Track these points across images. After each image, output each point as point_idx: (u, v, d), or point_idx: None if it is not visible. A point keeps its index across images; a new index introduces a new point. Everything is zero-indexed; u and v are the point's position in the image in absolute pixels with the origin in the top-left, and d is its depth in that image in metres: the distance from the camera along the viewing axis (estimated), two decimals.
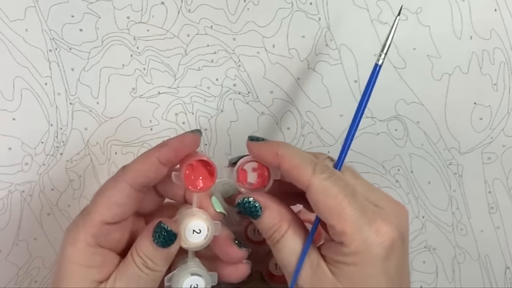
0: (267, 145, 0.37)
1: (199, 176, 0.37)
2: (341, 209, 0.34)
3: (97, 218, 0.36)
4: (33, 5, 0.46)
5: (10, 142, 0.48)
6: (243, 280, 0.49)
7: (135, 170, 0.37)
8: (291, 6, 0.46)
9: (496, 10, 0.46)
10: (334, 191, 0.34)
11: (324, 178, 0.34)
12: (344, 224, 0.33)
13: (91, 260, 0.36)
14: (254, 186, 0.38)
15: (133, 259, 0.36)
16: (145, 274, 0.36)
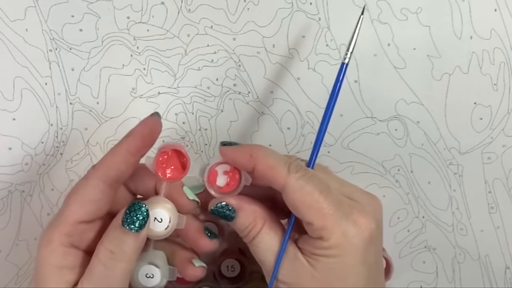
0: (241, 148, 0.37)
1: (171, 166, 0.37)
2: (318, 205, 0.34)
3: (71, 217, 0.36)
4: (33, 5, 0.46)
5: (10, 142, 0.48)
6: (243, 280, 0.50)
7: (106, 165, 0.37)
8: (291, 6, 0.46)
9: (496, 10, 0.46)
10: (309, 189, 0.35)
11: (298, 177, 0.35)
12: (323, 219, 0.34)
13: (63, 260, 0.35)
14: (223, 189, 0.38)
15: (98, 256, 0.35)
16: (111, 270, 0.35)
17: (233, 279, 0.49)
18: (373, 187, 0.49)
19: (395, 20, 0.46)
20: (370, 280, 0.35)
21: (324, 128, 0.38)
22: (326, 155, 0.49)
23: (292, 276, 0.36)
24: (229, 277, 0.49)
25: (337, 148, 0.49)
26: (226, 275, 0.49)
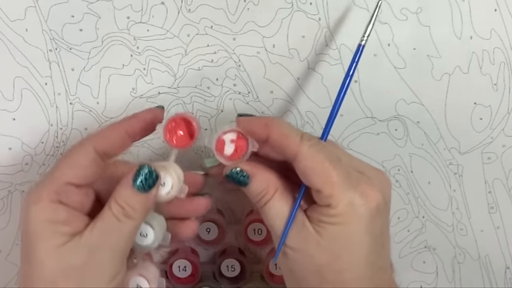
0: (256, 118, 0.39)
1: (178, 132, 0.39)
2: (327, 173, 0.35)
3: (60, 177, 0.37)
4: (33, 5, 0.46)
5: (10, 142, 0.48)
6: (243, 280, 0.50)
7: (102, 136, 0.38)
8: (291, 6, 0.46)
9: (496, 10, 0.46)
10: (320, 157, 0.36)
11: (310, 145, 0.36)
12: (331, 187, 0.35)
13: (56, 215, 0.36)
14: (231, 157, 0.39)
15: (110, 209, 0.36)
16: (123, 223, 0.36)
17: (233, 279, 0.50)
18: None
19: (395, 20, 0.46)
20: (374, 250, 0.36)
21: (339, 101, 0.39)
22: None
23: (299, 242, 0.37)
24: (229, 277, 0.49)
25: None
26: (226, 275, 0.49)
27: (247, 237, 0.48)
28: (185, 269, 0.49)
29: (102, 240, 0.36)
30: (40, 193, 0.36)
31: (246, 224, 0.48)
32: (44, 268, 0.35)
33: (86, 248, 0.36)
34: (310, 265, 0.36)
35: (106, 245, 0.36)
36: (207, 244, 0.49)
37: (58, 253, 0.35)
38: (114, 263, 0.36)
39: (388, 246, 0.39)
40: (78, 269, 0.35)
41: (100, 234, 0.36)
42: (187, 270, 0.49)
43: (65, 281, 0.35)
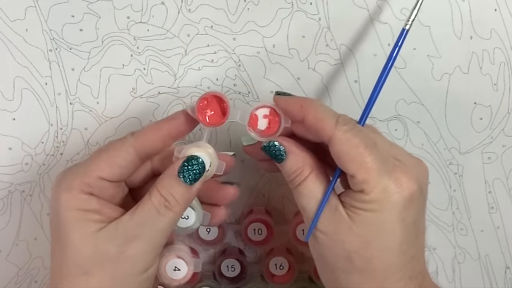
0: (293, 98, 0.38)
1: (211, 112, 0.39)
2: (362, 158, 0.35)
3: (94, 170, 0.36)
4: (33, 5, 0.46)
5: (10, 142, 0.48)
6: (243, 280, 0.50)
7: (145, 139, 0.38)
8: (291, 6, 0.46)
9: (496, 10, 0.46)
10: (355, 142, 0.35)
11: (346, 129, 0.35)
12: (366, 173, 0.35)
13: (88, 204, 0.36)
14: (264, 132, 0.39)
15: (151, 199, 0.36)
16: (163, 215, 0.36)
17: (233, 279, 0.50)
18: None
19: (395, 20, 0.46)
20: (406, 239, 0.36)
21: (380, 85, 0.39)
22: None
23: (330, 226, 0.36)
24: (229, 277, 0.49)
25: None
26: (226, 275, 0.49)
27: (247, 237, 0.48)
28: None
29: (140, 230, 0.36)
30: (71, 182, 0.36)
31: (246, 224, 0.48)
32: (79, 255, 0.35)
33: (123, 237, 0.35)
34: (340, 250, 0.36)
35: (143, 236, 0.36)
36: (207, 244, 0.49)
37: (94, 240, 0.35)
38: (150, 254, 0.36)
39: (422, 237, 0.38)
40: (113, 258, 0.35)
41: (138, 224, 0.36)
42: None
43: (100, 269, 0.35)
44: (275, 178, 0.49)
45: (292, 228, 0.48)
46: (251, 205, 0.50)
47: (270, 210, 0.50)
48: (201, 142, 0.38)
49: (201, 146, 0.38)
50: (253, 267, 0.51)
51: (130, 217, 0.36)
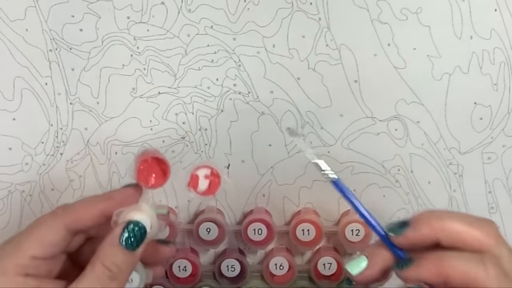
0: (423, 267, 0.33)
1: (152, 173, 0.38)
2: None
3: (26, 250, 0.35)
4: (33, 5, 0.46)
5: (10, 142, 0.48)
6: (243, 280, 0.50)
7: (76, 218, 0.36)
8: (291, 6, 0.46)
9: (496, 10, 0.46)
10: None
11: (495, 276, 0.32)
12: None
13: (26, 285, 0.35)
14: (204, 193, 0.38)
15: (94, 271, 0.34)
16: (106, 286, 0.34)
17: (233, 279, 0.50)
18: (373, 187, 0.49)
19: (395, 20, 0.46)
20: None
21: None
22: (326, 155, 0.49)
23: None
24: (229, 277, 0.49)
25: (337, 148, 0.49)
26: (226, 275, 0.49)
27: (247, 237, 0.48)
28: (185, 269, 0.49)
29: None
30: (5, 265, 0.35)
31: (246, 224, 0.48)
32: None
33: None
34: None
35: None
36: (207, 244, 0.49)
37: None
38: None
39: None
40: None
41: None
42: (187, 270, 0.49)
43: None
44: (275, 178, 0.49)
45: (292, 228, 0.48)
46: (251, 205, 0.50)
47: (270, 210, 0.50)
48: (141, 204, 0.37)
49: (141, 208, 0.36)
50: (253, 267, 0.51)
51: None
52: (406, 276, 0.33)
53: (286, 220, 0.50)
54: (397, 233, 0.34)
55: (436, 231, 0.33)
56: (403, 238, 0.34)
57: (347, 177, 0.49)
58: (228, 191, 0.50)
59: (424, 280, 0.33)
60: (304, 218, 0.48)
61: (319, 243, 0.49)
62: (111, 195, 0.37)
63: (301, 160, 0.49)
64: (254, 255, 0.51)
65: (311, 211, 0.49)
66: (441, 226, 0.33)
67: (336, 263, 0.48)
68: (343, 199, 0.36)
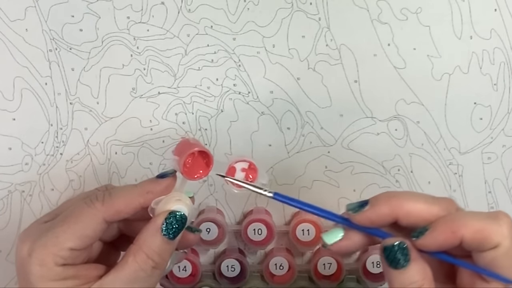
0: (438, 231, 0.33)
1: (197, 166, 0.38)
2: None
3: (66, 244, 0.35)
4: (33, 5, 0.46)
5: (10, 142, 0.48)
6: (243, 280, 0.50)
7: (115, 211, 0.37)
8: (291, 6, 0.46)
9: (496, 10, 0.46)
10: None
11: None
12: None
13: (64, 274, 0.35)
14: (239, 186, 0.38)
15: (136, 260, 0.35)
16: (151, 276, 0.35)
17: (233, 279, 0.50)
18: (373, 187, 0.49)
19: (395, 20, 0.46)
20: None
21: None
22: (326, 155, 0.49)
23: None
24: (229, 277, 0.49)
25: (337, 148, 0.49)
26: (226, 275, 0.49)
27: (247, 237, 0.48)
28: (185, 269, 0.49)
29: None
30: (43, 256, 0.35)
31: (246, 224, 0.48)
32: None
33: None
34: None
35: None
36: (207, 244, 0.49)
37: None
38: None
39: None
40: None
41: (124, 283, 0.35)
42: (187, 270, 0.49)
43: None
44: (275, 178, 0.49)
45: (292, 228, 0.48)
46: (251, 205, 0.50)
47: (270, 210, 0.50)
48: (179, 193, 0.38)
49: (181, 198, 0.37)
50: (253, 267, 0.51)
51: (115, 277, 0.35)
52: (423, 244, 0.33)
53: (286, 220, 0.50)
54: (356, 212, 0.34)
55: (395, 209, 0.33)
56: (362, 216, 0.34)
57: (347, 177, 0.49)
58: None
59: (440, 245, 0.33)
60: (304, 218, 0.48)
61: (319, 243, 0.49)
62: (150, 188, 0.37)
63: (301, 160, 0.49)
64: (254, 255, 0.51)
65: None
66: (400, 205, 0.33)
67: (336, 263, 0.48)
68: (343, 199, 0.36)
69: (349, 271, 0.50)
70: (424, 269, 0.33)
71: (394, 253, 0.33)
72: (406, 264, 0.32)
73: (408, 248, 0.33)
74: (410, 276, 0.33)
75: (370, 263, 0.48)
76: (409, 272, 0.33)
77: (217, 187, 0.49)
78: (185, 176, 0.38)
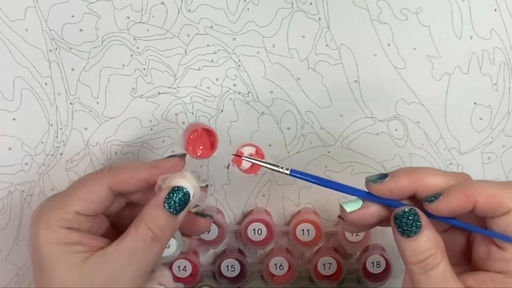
0: (452, 196, 0.33)
1: (200, 144, 0.39)
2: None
3: (71, 207, 0.36)
4: (33, 5, 0.46)
5: (10, 142, 0.48)
6: (243, 280, 0.50)
7: (121, 179, 0.38)
8: (291, 6, 0.46)
9: (496, 10, 0.46)
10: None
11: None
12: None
13: (69, 238, 0.36)
14: (247, 171, 0.39)
15: (137, 232, 0.35)
16: (150, 247, 0.36)
17: (233, 279, 0.50)
18: None
19: (395, 20, 0.46)
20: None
21: None
22: (326, 155, 0.49)
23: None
24: (229, 277, 0.49)
25: (337, 148, 0.49)
26: (226, 275, 0.49)
27: (247, 237, 0.48)
28: (185, 269, 0.49)
29: (126, 261, 0.35)
30: (49, 218, 0.36)
31: (246, 224, 0.48)
32: (65, 286, 0.35)
33: (109, 267, 0.35)
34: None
35: (129, 266, 0.35)
36: (207, 244, 0.49)
37: (79, 271, 0.35)
38: (136, 284, 0.36)
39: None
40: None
41: (124, 255, 0.35)
42: (187, 270, 0.49)
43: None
44: (275, 178, 0.49)
45: (292, 228, 0.48)
46: (251, 205, 0.50)
47: (270, 210, 0.50)
48: (185, 173, 0.38)
49: (186, 177, 0.37)
50: (253, 267, 0.51)
51: (116, 248, 0.36)
52: (437, 208, 0.33)
53: (286, 220, 0.50)
54: (376, 182, 0.34)
55: (415, 182, 0.34)
56: (382, 187, 0.34)
57: (347, 177, 0.49)
58: (231, 186, 0.50)
59: (454, 209, 0.33)
60: (304, 218, 0.48)
61: (319, 243, 0.49)
62: (157, 163, 0.39)
63: (301, 160, 0.49)
64: (254, 255, 0.51)
65: (311, 211, 0.49)
66: (419, 178, 0.34)
67: (336, 263, 0.48)
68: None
69: (349, 271, 0.50)
70: (436, 237, 0.33)
71: (406, 220, 0.33)
72: (418, 231, 0.32)
73: (419, 215, 0.33)
74: (421, 244, 0.32)
75: (370, 263, 0.48)
76: (420, 240, 0.32)
77: (217, 187, 0.49)
78: (188, 152, 0.39)
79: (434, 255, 0.32)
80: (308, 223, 0.48)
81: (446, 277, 0.32)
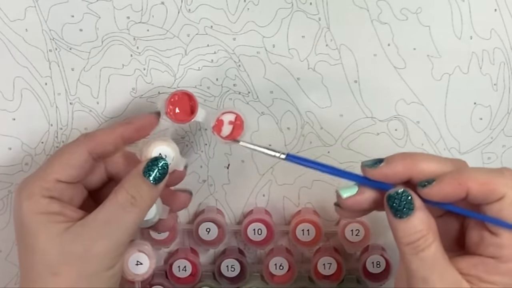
0: (445, 182, 0.33)
1: (179, 106, 0.40)
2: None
3: (51, 175, 0.37)
4: (33, 5, 0.46)
5: (10, 142, 0.48)
6: (243, 280, 0.50)
7: (97, 140, 0.39)
8: (291, 6, 0.46)
9: (496, 10, 0.46)
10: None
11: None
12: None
13: (50, 207, 0.36)
14: (227, 137, 0.39)
15: (116, 198, 0.36)
16: (128, 213, 0.36)
17: (233, 279, 0.50)
18: None
19: (395, 20, 0.46)
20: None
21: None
22: (326, 155, 0.49)
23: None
24: (229, 277, 0.49)
25: (337, 148, 0.49)
26: (226, 275, 0.49)
27: (247, 237, 0.48)
28: (185, 269, 0.49)
29: (105, 229, 0.36)
30: (31, 189, 0.37)
31: (246, 224, 0.48)
32: (47, 257, 0.36)
33: (88, 235, 0.36)
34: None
35: (109, 234, 0.36)
36: (207, 244, 0.49)
37: (60, 240, 0.36)
38: (115, 252, 0.36)
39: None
40: (79, 257, 0.36)
41: (103, 223, 0.36)
42: (187, 270, 0.49)
43: (67, 269, 0.35)
44: (275, 178, 0.49)
45: (292, 228, 0.48)
46: (251, 205, 0.50)
47: (270, 210, 0.50)
48: (166, 137, 0.39)
49: (168, 140, 0.39)
50: (253, 267, 0.51)
51: (95, 216, 0.36)
52: (429, 193, 0.33)
53: (286, 220, 0.50)
54: (371, 167, 0.35)
55: (410, 167, 0.34)
56: (378, 171, 0.35)
57: None
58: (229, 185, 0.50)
59: (446, 195, 0.33)
60: (304, 218, 0.48)
61: (319, 243, 0.49)
62: (130, 120, 0.41)
63: None
64: (254, 255, 0.51)
65: (311, 211, 0.50)
66: (414, 163, 0.34)
67: (336, 263, 0.48)
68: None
69: (349, 271, 0.50)
70: (428, 219, 0.33)
71: (398, 201, 0.33)
72: (410, 212, 0.33)
73: (412, 196, 0.33)
74: (414, 225, 0.33)
75: (370, 263, 0.48)
76: (413, 221, 0.33)
77: (217, 187, 0.49)
78: (168, 117, 0.40)
79: (425, 236, 0.32)
80: (308, 223, 0.48)
81: (437, 258, 0.32)
